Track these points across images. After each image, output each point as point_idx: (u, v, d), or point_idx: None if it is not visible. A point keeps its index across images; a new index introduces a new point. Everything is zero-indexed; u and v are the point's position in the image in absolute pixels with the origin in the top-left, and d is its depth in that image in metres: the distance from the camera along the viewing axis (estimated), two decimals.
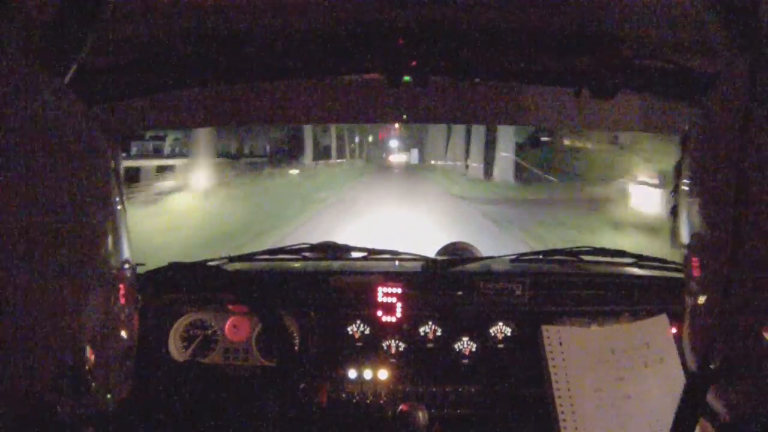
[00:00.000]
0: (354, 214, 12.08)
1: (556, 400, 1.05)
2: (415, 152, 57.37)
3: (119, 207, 0.73)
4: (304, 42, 1.28)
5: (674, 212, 0.76)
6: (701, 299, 0.68)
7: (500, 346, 1.72)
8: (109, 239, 0.69)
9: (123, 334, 0.73)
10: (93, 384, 0.65)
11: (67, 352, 0.62)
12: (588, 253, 1.98)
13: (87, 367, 0.64)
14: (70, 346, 0.63)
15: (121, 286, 0.72)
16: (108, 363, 0.70)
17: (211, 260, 1.89)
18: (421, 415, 1.50)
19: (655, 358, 1.12)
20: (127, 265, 0.74)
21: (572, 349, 1.10)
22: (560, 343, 1.09)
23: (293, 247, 2.01)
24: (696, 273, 0.68)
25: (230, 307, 1.73)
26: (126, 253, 0.74)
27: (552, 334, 1.11)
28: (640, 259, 1.93)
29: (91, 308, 0.66)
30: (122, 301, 0.72)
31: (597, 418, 1.05)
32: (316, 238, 2.10)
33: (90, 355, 0.64)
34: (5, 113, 0.56)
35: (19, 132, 0.57)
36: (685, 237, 0.72)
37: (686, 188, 0.71)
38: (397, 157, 53.93)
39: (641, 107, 1.61)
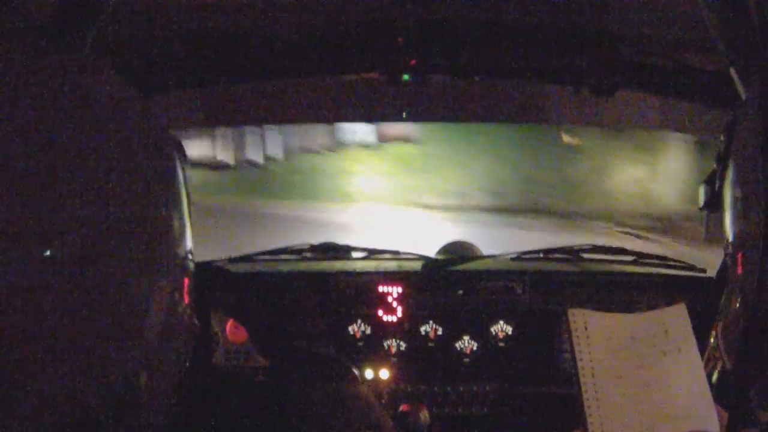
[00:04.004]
0: None
1: (582, 385, 1.06)
2: None
3: (185, 198, 0.70)
4: (304, 41, 1.28)
5: (710, 205, 0.77)
6: (743, 296, 0.68)
7: (501, 345, 1.72)
8: (175, 232, 0.66)
9: (183, 340, 0.69)
10: (144, 408, 0.62)
11: (125, 382, 0.59)
12: (588, 251, 1.98)
13: (139, 388, 0.61)
14: (123, 360, 0.60)
15: (186, 280, 0.68)
16: (163, 382, 0.66)
17: (211, 261, 1.89)
18: (422, 416, 1.50)
19: (673, 347, 1.13)
20: (191, 257, 0.71)
21: (596, 334, 1.11)
22: (585, 327, 1.10)
23: (294, 248, 2.01)
24: (740, 270, 0.68)
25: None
26: (190, 245, 0.70)
27: (578, 317, 1.12)
28: (640, 257, 1.93)
29: (157, 312, 0.62)
30: (186, 298, 0.69)
31: (619, 403, 1.06)
32: None
33: (144, 377, 0.61)
34: (57, 106, 0.55)
35: (74, 125, 0.56)
36: (730, 234, 0.72)
37: (735, 185, 0.72)
38: None
39: (641, 105, 1.61)
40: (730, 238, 0.73)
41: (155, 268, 0.62)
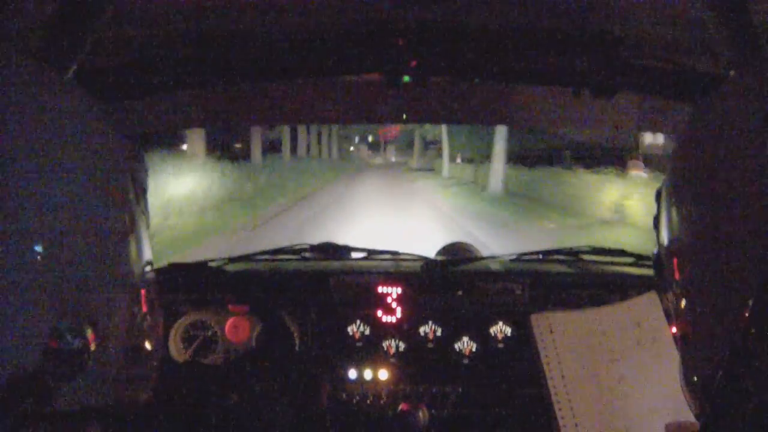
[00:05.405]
0: None
1: (551, 389, 1.05)
2: None
3: (137, 208, 0.71)
4: (304, 42, 1.28)
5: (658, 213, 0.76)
6: (684, 301, 0.67)
7: (500, 345, 1.72)
8: (126, 242, 0.67)
9: (140, 335, 0.71)
10: (93, 370, 0.64)
11: (69, 335, 0.61)
12: (587, 252, 1.98)
13: (87, 354, 0.63)
14: (72, 329, 0.62)
15: (143, 291, 0.70)
16: (115, 357, 0.68)
17: (211, 261, 1.89)
18: (422, 415, 1.50)
19: (647, 337, 1.11)
20: (148, 268, 0.72)
21: (563, 335, 1.09)
22: (550, 330, 1.09)
23: (293, 248, 2.01)
24: (678, 275, 0.68)
25: (230, 307, 1.73)
26: (146, 256, 0.72)
27: (541, 322, 1.10)
28: (639, 259, 1.93)
29: (106, 305, 0.64)
30: (144, 306, 0.70)
31: (593, 401, 1.05)
32: None
33: (91, 340, 0.63)
34: (13, 113, 0.56)
35: (30, 132, 0.57)
36: (665, 238, 0.71)
37: (678, 188, 0.71)
38: None
39: (640, 107, 1.61)
40: (666, 243, 0.72)
41: (111, 282, 0.65)
